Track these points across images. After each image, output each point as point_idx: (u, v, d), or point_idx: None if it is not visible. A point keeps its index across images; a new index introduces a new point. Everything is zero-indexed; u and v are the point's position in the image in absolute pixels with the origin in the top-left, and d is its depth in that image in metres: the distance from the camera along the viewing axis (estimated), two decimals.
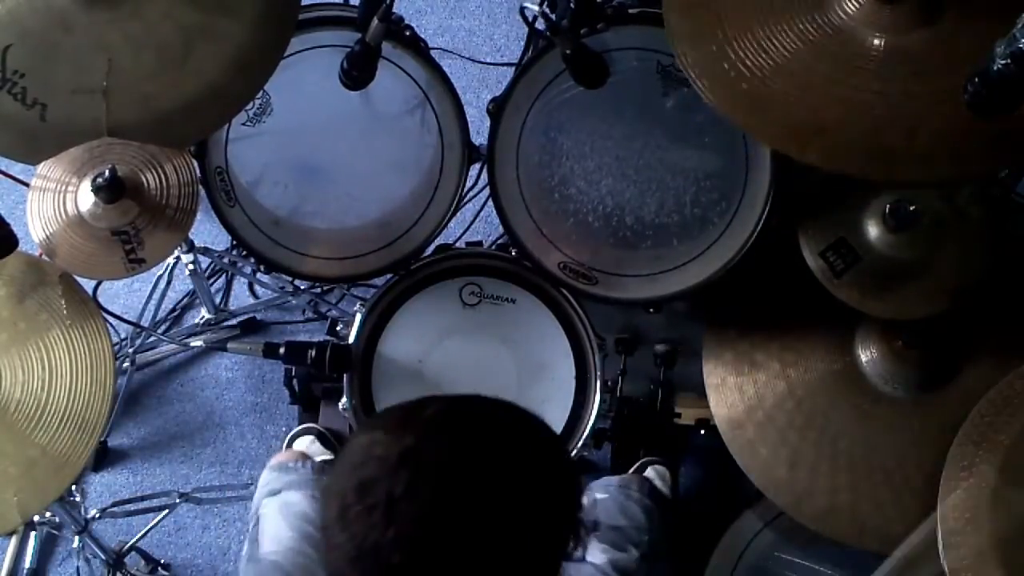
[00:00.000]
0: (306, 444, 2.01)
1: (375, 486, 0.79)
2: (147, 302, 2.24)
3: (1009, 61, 1.05)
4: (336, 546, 0.81)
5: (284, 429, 2.22)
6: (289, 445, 2.03)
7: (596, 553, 1.38)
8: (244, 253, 1.99)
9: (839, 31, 1.25)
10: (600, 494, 1.58)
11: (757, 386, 1.60)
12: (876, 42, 1.24)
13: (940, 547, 1.31)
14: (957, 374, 1.56)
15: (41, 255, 1.56)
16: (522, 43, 1.92)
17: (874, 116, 1.22)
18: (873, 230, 1.51)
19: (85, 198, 1.56)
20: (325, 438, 2.02)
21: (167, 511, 2.03)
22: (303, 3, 1.48)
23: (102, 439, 2.18)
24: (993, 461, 1.36)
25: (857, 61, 1.23)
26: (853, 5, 1.24)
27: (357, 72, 1.47)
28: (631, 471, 1.93)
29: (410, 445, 0.81)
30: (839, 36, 1.24)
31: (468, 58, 2.56)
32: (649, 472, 1.91)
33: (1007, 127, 1.19)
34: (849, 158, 1.24)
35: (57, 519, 2.02)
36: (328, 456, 1.97)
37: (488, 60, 2.57)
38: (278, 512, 1.42)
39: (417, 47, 1.56)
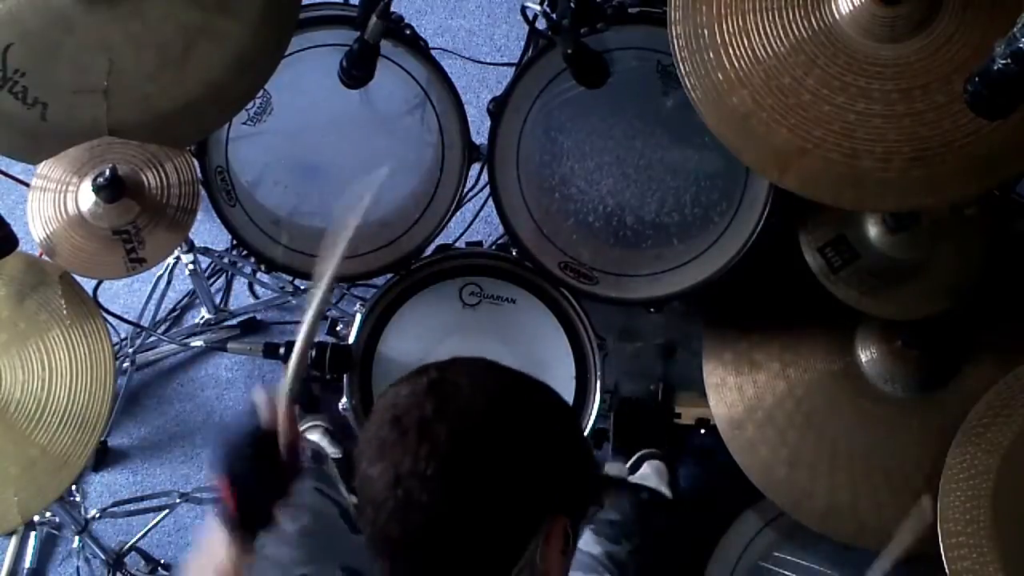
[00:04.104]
0: (313, 441, 2.01)
1: (407, 415, 0.85)
2: (147, 302, 2.24)
3: (1009, 61, 1.05)
4: (373, 481, 0.85)
5: None
6: None
7: (592, 544, 1.40)
8: (244, 253, 1.99)
9: (835, 39, 1.25)
10: None
11: (757, 386, 1.60)
12: (870, 51, 1.24)
13: (941, 547, 1.31)
14: (957, 374, 1.56)
15: (41, 255, 1.56)
16: (522, 43, 1.92)
17: (853, 140, 1.23)
18: (873, 229, 1.51)
19: (86, 198, 1.56)
20: (332, 434, 2.02)
21: (167, 511, 2.03)
22: (303, 2, 1.48)
23: (102, 439, 2.18)
24: (992, 461, 1.36)
25: (847, 75, 1.23)
26: (851, 6, 1.24)
27: (357, 71, 1.47)
28: (627, 466, 1.93)
29: (435, 377, 0.88)
30: (834, 45, 1.24)
31: (468, 58, 2.56)
32: (646, 468, 1.91)
33: (981, 152, 1.20)
34: (824, 184, 1.25)
35: (57, 519, 2.02)
36: (336, 454, 1.97)
37: (488, 60, 2.57)
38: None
39: (417, 45, 1.56)
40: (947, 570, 1.31)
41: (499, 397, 0.90)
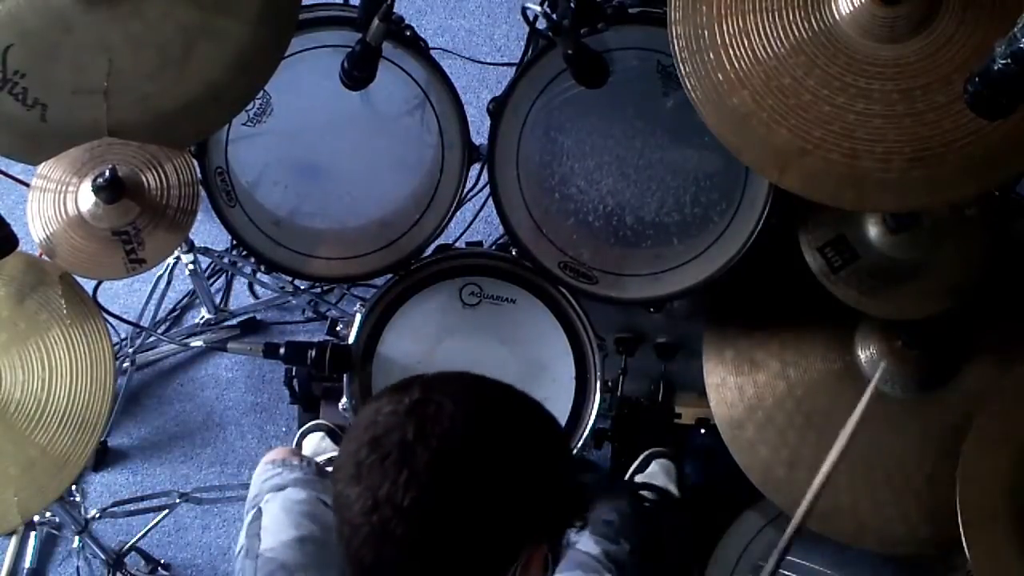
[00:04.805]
0: (316, 441, 2.01)
1: (387, 437, 0.82)
2: (147, 302, 2.25)
3: (1009, 61, 1.05)
4: (349, 504, 0.82)
5: (284, 429, 2.22)
6: (299, 442, 2.03)
7: (590, 544, 1.40)
8: (244, 253, 1.99)
9: (835, 39, 1.25)
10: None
11: (757, 386, 1.60)
12: (870, 51, 1.24)
13: (964, 542, 1.31)
14: (957, 374, 1.56)
15: (41, 255, 1.56)
16: (522, 43, 1.92)
17: (854, 140, 1.23)
18: (873, 229, 1.51)
19: (85, 198, 1.56)
20: (335, 434, 2.02)
21: (167, 511, 2.03)
22: (303, 3, 1.48)
23: (102, 439, 2.18)
24: (1009, 455, 1.35)
25: (847, 75, 1.23)
26: (851, 6, 1.24)
27: (358, 72, 1.47)
28: (635, 465, 1.93)
29: (417, 398, 0.85)
30: (834, 45, 1.24)
31: (468, 58, 2.56)
32: (654, 467, 1.91)
33: (981, 152, 1.20)
34: (824, 184, 1.25)
35: (57, 519, 2.02)
36: (336, 452, 1.97)
37: (488, 60, 2.57)
38: (281, 509, 1.42)
39: (417, 47, 1.56)
40: (970, 565, 1.30)
41: (483, 421, 0.86)
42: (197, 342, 2.26)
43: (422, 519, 0.80)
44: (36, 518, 2.00)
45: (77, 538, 1.91)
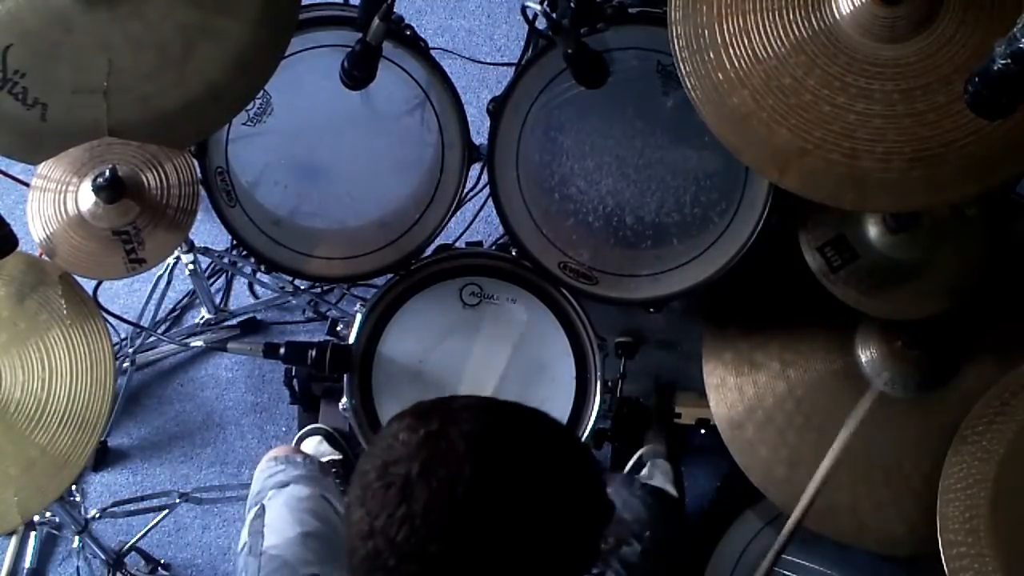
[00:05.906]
0: (314, 444, 2.01)
1: (396, 466, 0.82)
2: (147, 302, 2.25)
3: (1009, 61, 1.05)
4: (352, 523, 0.83)
5: (284, 429, 2.22)
6: (297, 445, 2.03)
7: None
8: (244, 253, 1.99)
9: (835, 39, 1.24)
10: None
11: (757, 386, 1.60)
12: (870, 51, 1.24)
13: (942, 558, 1.31)
14: (957, 374, 1.56)
15: (41, 255, 1.56)
16: (522, 43, 1.92)
17: (854, 140, 1.22)
18: (873, 229, 1.51)
19: (85, 198, 1.56)
20: (333, 438, 2.02)
21: (167, 511, 2.03)
22: (303, 3, 1.48)
23: (102, 439, 2.18)
24: (989, 469, 1.35)
25: (848, 75, 1.23)
26: (851, 6, 1.24)
27: (358, 72, 1.47)
28: (629, 465, 1.92)
29: (434, 430, 0.83)
30: (834, 45, 1.24)
31: (468, 58, 2.56)
32: (651, 467, 1.91)
33: (981, 152, 1.20)
34: (824, 185, 1.25)
35: (57, 519, 2.02)
36: (336, 456, 1.97)
37: (488, 60, 2.57)
38: (285, 506, 1.41)
39: (417, 46, 1.56)
40: (947, 572, 1.31)
41: (494, 470, 0.82)
42: (197, 342, 2.26)
43: (412, 557, 0.80)
44: (36, 518, 2.00)
45: (77, 538, 1.91)
